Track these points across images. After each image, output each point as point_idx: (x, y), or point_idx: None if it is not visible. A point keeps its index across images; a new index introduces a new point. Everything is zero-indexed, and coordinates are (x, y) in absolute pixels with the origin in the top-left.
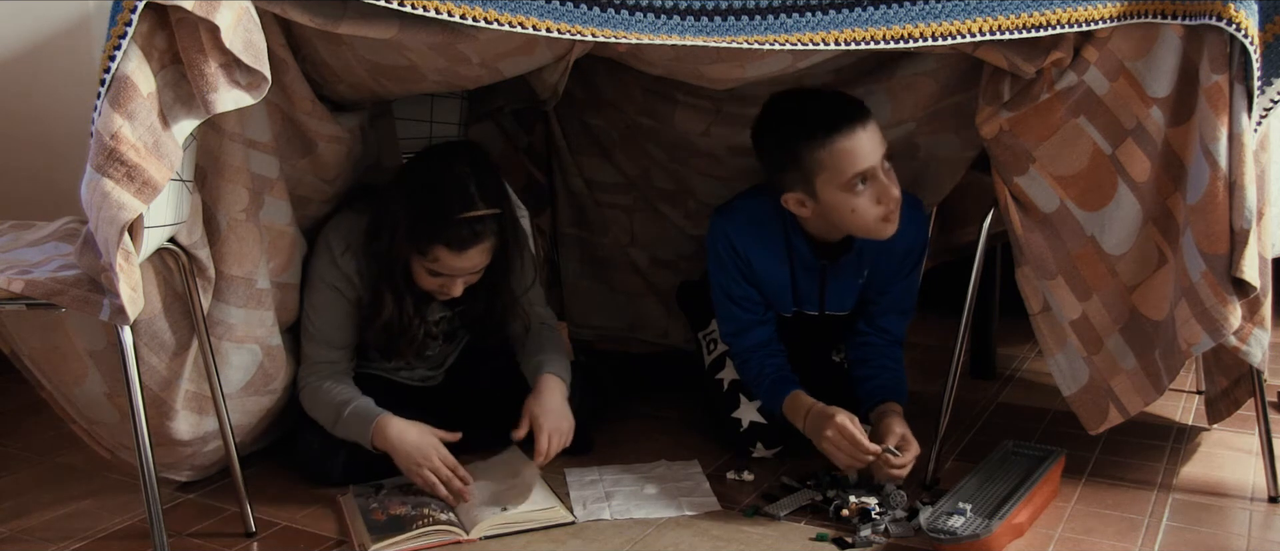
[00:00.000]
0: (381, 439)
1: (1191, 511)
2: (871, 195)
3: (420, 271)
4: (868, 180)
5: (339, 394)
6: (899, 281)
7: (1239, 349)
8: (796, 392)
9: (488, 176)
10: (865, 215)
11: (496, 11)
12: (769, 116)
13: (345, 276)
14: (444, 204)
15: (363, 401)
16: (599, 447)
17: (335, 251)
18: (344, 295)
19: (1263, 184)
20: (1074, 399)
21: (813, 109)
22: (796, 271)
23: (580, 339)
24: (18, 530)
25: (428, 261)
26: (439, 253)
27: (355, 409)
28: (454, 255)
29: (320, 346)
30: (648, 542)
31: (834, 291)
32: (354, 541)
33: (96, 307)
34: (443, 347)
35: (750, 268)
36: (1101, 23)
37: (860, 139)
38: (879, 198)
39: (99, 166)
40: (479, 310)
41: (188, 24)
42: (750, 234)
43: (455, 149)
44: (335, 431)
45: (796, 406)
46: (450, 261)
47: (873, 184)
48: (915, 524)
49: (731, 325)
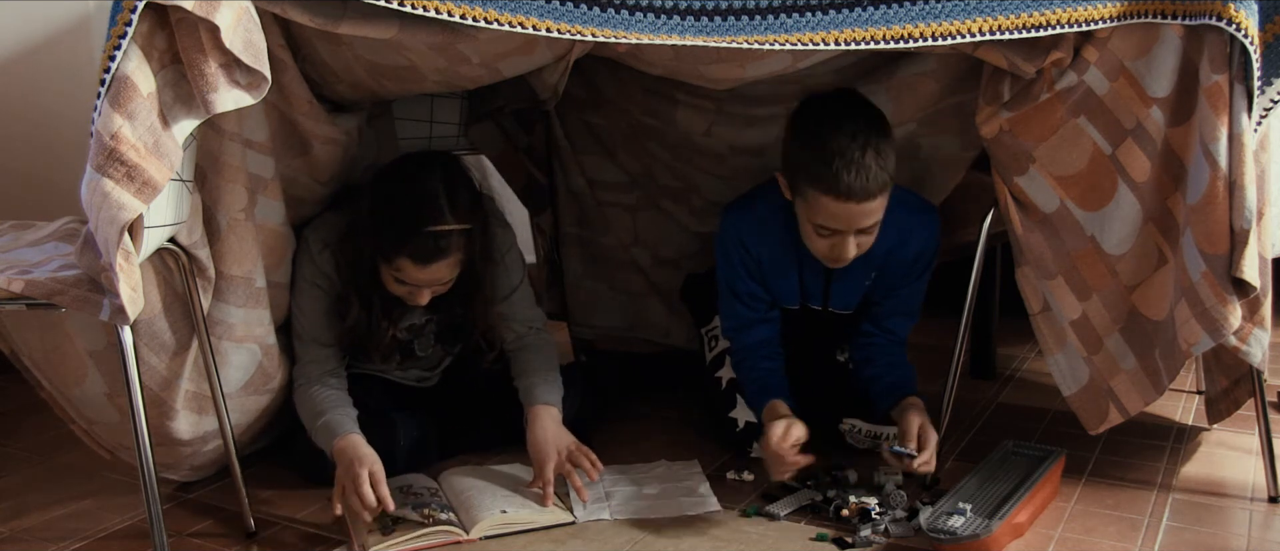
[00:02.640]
0: (338, 449)
1: (1191, 511)
2: (827, 243)
3: (387, 278)
4: (832, 234)
5: (322, 401)
6: (907, 285)
7: (1239, 349)
8: (774, 403)
9: (461, 190)
10: (814, 247)
11: (496, 11)
12: (806, 119)
13: (324, 274)
14: (411, 215)
15: (334, 415)
16: (599, 447)
17: (313, 250)
18: (325, 293)
19: (1263, 184)
20: (1074, 399)
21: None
22: (804, 267)
23: (581, 339)
24: (18, 530)
25: (392, 270)
26: (403, 264)
27: (326, 422)
28: (417, 268)
29: (309, 345)
30: (648, 542)
31: (839, 289)
32: (354, 541)
33: (96, 308)
34: (435, 349)
35: (758, 264)
36: (1101, 23)
37: (849, 210)
38: (832, 248)
39: (99, 166)
40: (454, 317)
41: (188, 24)
42: (761, 230)
43: (431, 160)
44: (311, 436)
45: (769, 414)
46: (414, 273)
47: (835, 238)
48: (915, 524)
49: (733, 321)
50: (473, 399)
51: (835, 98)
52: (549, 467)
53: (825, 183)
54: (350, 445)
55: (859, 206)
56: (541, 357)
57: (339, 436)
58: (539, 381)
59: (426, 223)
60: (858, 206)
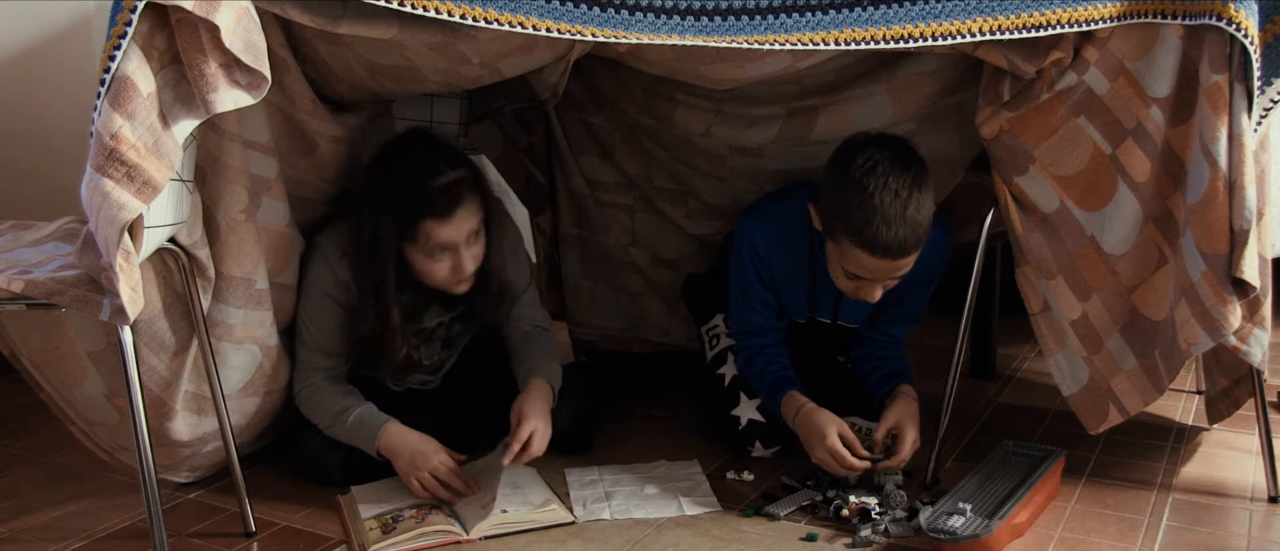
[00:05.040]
0: (386, 445)
1: (1191, 511)
2: (854, 285)
3: (422, 262)
4: (859, 278)
5: (339, 398)
6: (914, 296)
7: (1239, 349)
8: (793, 393)
9: (444, 147)
10: (840, 283)
11: (496, 11)
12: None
13: (341, 283)
14: (414, 181)
15: (365, 408)
16: (599, 447)
17: (331, 259)
18: (340, 303)
19: (1263, 184)
20: (1074, 399)
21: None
22: (817, 282)
23: (581, 339)
24: (18, 530)
25: (421, 246)
26: (427, 228)
27: (359, 415)
28: (442, 223)
29: (315, 353)
30: (648, 542)
31: (850, 304)
32: (354, 541)
33: (96, 307)
34: (441, 354)
35: (771, 272)
36: (1101, 23)
37: (884, 265)
38: (859, 289)
39: (99, 166)
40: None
41: (188, 24)
42: (777, 239)
43: (407, 137)
44: (334, 435)
45: (789, 404)
46: (441, 233)
47: (862, 282)
48: (915, 524)
49: (743, 324)
50: (472, 404)
51: (881, 144)
52: (526, 427)
53: (863, 237)
54: (398, 436)
55: (894, 262)
56: (543, 346)
57: (381, 427)
58: (541, 364)
59: (430, 180)
60: (893, 262)
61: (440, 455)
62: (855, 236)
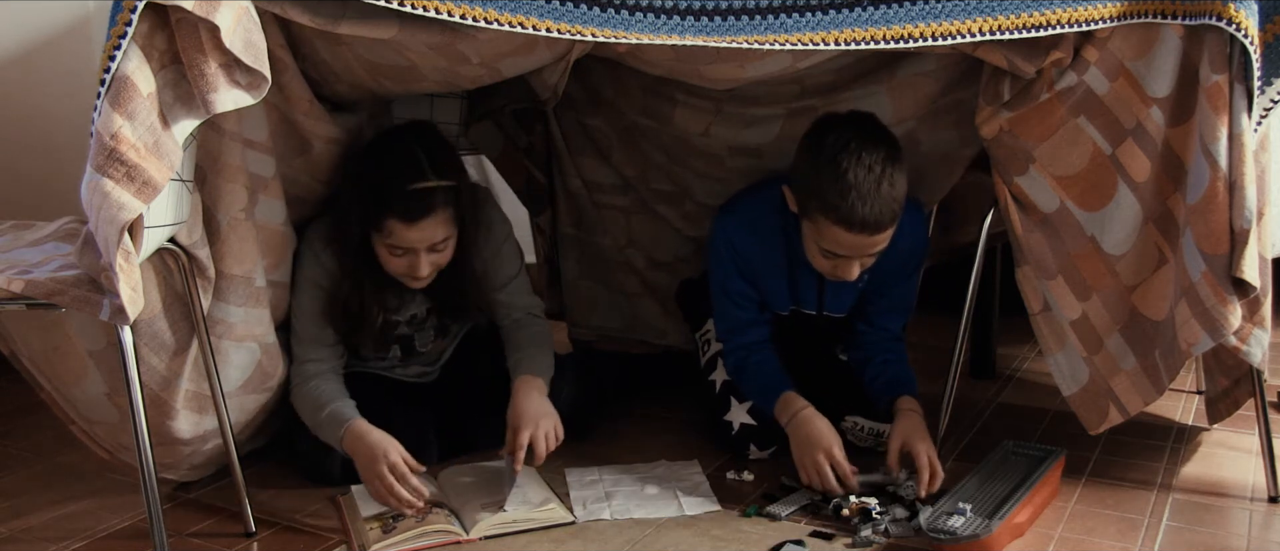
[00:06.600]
0: (349, 444)
1: (1191, 511)
2: (832, 264)
3: (383, 252)
4: (838, 257)
5: (322, 395)
6: (899, 283)
7: (1239, 349)
8: (787, 394)
9: (439, 151)
10: (817, 264)
11: (496, 11)
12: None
13: (326, 272)
14: (393, 176)
15: (339, 404)
16: (599, 447)
17: (317, 248)
18: (326, 291)
19: (1263, 184)
20: (1074, 399)
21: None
22: (795, 270)
23: (580, 339)
24: (18, 530)
25: (384, 238)
26: (391, 225)
27: (331, 412)
28: (406, 227)
29: (308, 346)
30: (648, 542)
31: (832, 292)
32: (354, 541)
33: (96, 308)
34: (436, 344)
35: (749, 265)
36: (1101, 23)
37: (860, 240)
38: (836, 268)
39: (99, 166)
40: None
41: (188, 24)
42: (751, 232)
43: (404, 127)
44: (316, 433)
45: (784, 406)
46: (404, 234)
47: (840, 260)
48: (915, 524)
49: (727, 323)
50: (473, 397)
51: (852, 122)
52: (524, 434)
53: (839, 213)
54: (360, 434)
55: (870, 237)
56: (532, 334)
57: (345, 423)
58: (527, 356)
59: (408, 181)
60: (869, 238)
61: (392, 456)
62: (831, 212)
